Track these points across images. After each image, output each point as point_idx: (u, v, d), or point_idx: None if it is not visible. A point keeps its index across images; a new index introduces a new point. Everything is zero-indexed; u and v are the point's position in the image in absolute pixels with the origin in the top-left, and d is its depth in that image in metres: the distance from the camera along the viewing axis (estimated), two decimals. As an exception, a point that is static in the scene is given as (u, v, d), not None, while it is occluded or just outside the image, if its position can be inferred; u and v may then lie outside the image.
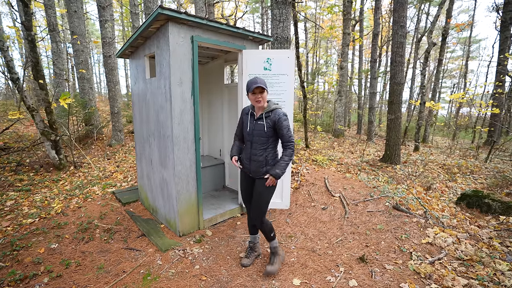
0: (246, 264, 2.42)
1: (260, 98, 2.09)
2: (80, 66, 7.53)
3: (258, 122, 2.16)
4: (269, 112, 2.15)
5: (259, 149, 2.17)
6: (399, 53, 6.03)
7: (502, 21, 9.28)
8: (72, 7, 7.13)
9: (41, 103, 5.09)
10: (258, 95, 2.08)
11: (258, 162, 2.18)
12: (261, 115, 2.16)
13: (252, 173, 2.23)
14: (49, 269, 2.33)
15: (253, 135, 2.19)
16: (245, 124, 2.27)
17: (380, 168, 5.92)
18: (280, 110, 2.14)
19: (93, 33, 22.61)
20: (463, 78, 17.85)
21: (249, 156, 2.23)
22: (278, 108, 2.16)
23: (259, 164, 2.18)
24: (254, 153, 2.19)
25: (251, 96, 2.11)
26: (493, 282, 2.18)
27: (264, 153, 2.17)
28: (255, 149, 2.18)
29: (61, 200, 3.87)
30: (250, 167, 2.22)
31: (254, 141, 2.19)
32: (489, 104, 9.09)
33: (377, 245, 2.77)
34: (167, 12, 2.34)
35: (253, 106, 2.22)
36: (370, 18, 16.05)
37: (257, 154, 2.18)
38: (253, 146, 2.19)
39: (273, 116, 2.12)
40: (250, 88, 2.06)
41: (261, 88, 2.06)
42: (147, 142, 3.33)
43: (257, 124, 2.17)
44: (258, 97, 2.08)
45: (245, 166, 2.28)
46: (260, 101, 2.10)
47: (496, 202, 3.69)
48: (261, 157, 2.17)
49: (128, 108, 10.32)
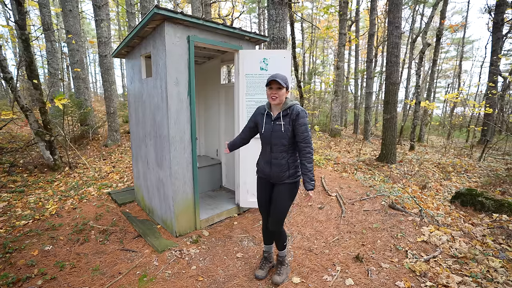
0: (261, 277, 2.26)
1: (276, 94, 1.90)
2: (75, 66, 7.45)
3: (276, 123, 1.96)
4: (287, 110, 1.95)
5: (280, 152, 1.98)
6: (394, 53, 6.09)
7: (494, 22, 9.42)
8: (67, 6, 7.06)
9: (35, 103, 5.03)
10: (274, 91, 1.90)
11: (279, 166, 1.99)
12: (278, 114, 1.97)
13: (273, 178, 2.05)
14: (43, 271, 2.30)
15: (271, 137, 1.98)
16: (260, 125, 2.06)
17: (376, 168, 5.97)
18: (298, 106, 1.95)
19: (89, 33, 22.39)
20: (457, 78, 18.07)
21: (269, 160, 2.03)
22: (296, 103, 1.97)
23: (281, 168, 1.99)
24: (275, 157, 2.00)
25: (267, 91, 1.96)
26: (486, 279, 2.21)
27: (286, 156, 1.99)
28: (275, 152, 1.99)
29: (55, 201, 3.83)
30: (270, 172, 2.04)
31: (274, 143, 1.98)
32: (482, 104, 9.22)
33: (373, 244, 2.79)
34: (163, 12, 2.33)
35: (269, 104, 2.04)
36: (366, 19, 16.17)
37: (278, 158, 1.99)
38: (273, 149, 2.00)
39: (291, 114, 1.93)
40: (267, 81, 1.91)
41: (278, 84, 1.88)
42: (143, 142, 3.31)
43: (275, 125, 1.97)
44: (274, 93, 1.90)
45: (264, 172, 2.09)
46: (275, 98, 1.91)
47: (489, 200, 3.74)
48: (283, 160, 1.99)
49: (124, 108, 10.24)
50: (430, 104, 9.39)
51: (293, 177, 2.03)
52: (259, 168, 2.16)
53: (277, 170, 2.01)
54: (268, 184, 2.14)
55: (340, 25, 9.79)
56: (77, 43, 7.34)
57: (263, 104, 2.13)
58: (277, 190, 2.07)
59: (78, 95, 7.73)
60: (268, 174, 2.06)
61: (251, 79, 3.13)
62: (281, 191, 2.05)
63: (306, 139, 1.91)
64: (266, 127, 2.01)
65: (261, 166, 2.12)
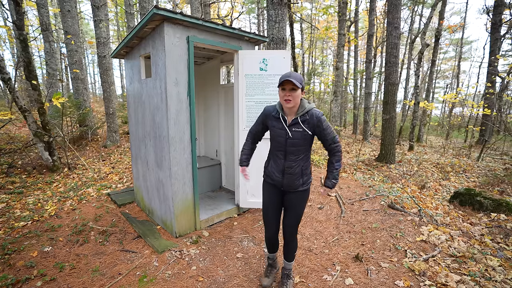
0: (267, 285, 2.14)
1: (291, 97, 1.69)
2: (74, 66, 7.43)
3: (293, 129, 1.78)
4: (305, 115, 1.78)
5: (294, 160, 1.84)
6: (394, 53, 6.11)
7: (492, 23, 9.47)
8: (65, 6, 7.04)
9: (33, 103, 5.01)
10: (288, 92, 1.69)
11: (293, 175, 1.86)
12: (295, 120, 1.78)
13: (285, 186, 1.91)
14: (42, 272, 2.29)
15: (287, 144, 1.81)
16: (275, 132, 1.85)
17: (376, 168, 5.98)
18: (316, 110, 1.79)
19: (88, 33, 22.35)
20: (455, 79, 18.14)
21: (282, 169, 1.88)
22: (313, 107, 1.81)
23: (295, 176, 1.86)
24: (289, 165, 1.85)
25: (280, 93, 1.74)
26: (484, 277, 2.22)
27: (300, 164, 1.86)
28: (290, 160, 1.84)
29: (54, 202, 3.82)
30: (282, 181, 1.89)
31: (289, 151, 1.83)
32: (481, 104, 9.26)
33: (373, 243, 2.80)
34: (163, 12, 2.33)
35: (281, 106, 1.83)
36: (365, 19, 16.22)
37: (292, 167, 1.85)
38: (288, 157, 1.84)
39: (311, 119, 1.77)
40: (280, 81, 1.70)
41: (292, 84, 1.67)
42: (143, 143, 3.31)
43: (293, 132, 1.78)
44: (288, 95, 1.69)
45: (276, 180, 1.93)
46: (289, 100, 1.70)
47: (487, 199, 3.76)
48: (297, 168, 1.85)
49: (123, 109, 10.22)
50: (429, 104, 9.43)
51: (306, 184, 1.92)
52: (268, 174, 1.99)
53: (291, 178, 1.87)
54: (277, 191, 1.98)
55: (339, 26, 9.81)
56: (75, 44, 7.33)
57: (272, 105, 1.93)
58: (290, 199, 1.95)
59: (77, 96, 7.72)
60: (280, 183, 1.92)
61: (250, 79, 3.14)
62: (294, 200, 1.93)
63: (335, 138, 1.81)
64: (281, 133, 1.82)
65: (272, 174, 1.95)
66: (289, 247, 2.06)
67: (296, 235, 2.03)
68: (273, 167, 1.93)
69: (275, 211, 2.01)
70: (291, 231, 1.99)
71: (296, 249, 2.10)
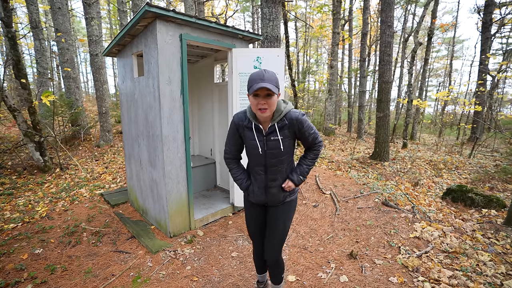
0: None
1: (266, 105, 1.38)
2: (65, 65, 7.29)
3: (271, 139, 1.50)
4: (283, 120, 1.48)
5: (277, 173, 1.58)
6: (387, 52, 6.15)
7: (483, 22, 9.61)
8: (56, 3, 6.90)
9: (23, 103, 4.90)
10: (262, 100, 1.37)
11: (277, 188, 1.61)
12: (272, 127, 1.49)
13: (270, 202, 1.67)
14: (33, 275, 2.25)
15: (266, 157, 1.54)
16: (250, 143, 1.55)
17: (370, 165, 6.03)
18: (294, 111, 1.50)
19: (80, 31, 21.96)
20: (448, 77, 18.41)
21: (264, 185, 1.61)
22: (291, 108, 1.52)
23: (278, 190, 1.62)
24: (272, 178, 1.59)
25: (251, 100, 1.40)
26: (475, 272, 2.26)
27: (284, 175, 1.61)
28: (272, 174, 1.58)
29: (46, 203, 3.75)
30: (266, 198, 1.64)
31: (270, 165, 1.56)
32: (472, 102, 9.41)
33: (367, 240, 2.82)
34: (155, 9, 2.30)
35: (252, 112, 1.52)
36: (359, 18, 16.30)
37: (275, 180, 1.60)
38: (269, 171, 1.58)
39: (290, 123, 1.48)
40: (252, 88, 1.35)
41: (267, 90, 1.34)
42: (136, 142, 3.27)
43: (270, 141, 1.51)
44: (262, 103, 1.37)
45: (258, 199, 1.66)
46: (265, 109, 1.39)
47: (479, 196, 3.82)
48: (281, 181, 1.61)
49: (116, 108, 10.08)
50: (422, 102, 9.53)
51: (292, 193, 1.68)
52: (249, 193, 1.69)
53: (276, 195, 1.63)
54: (261, 208, 1.73)
55: (334, 24, 9.84)
56: (66, 42, 7.19)
57: (241, 111, 1.58)
58: (274, 212, 1.68)
59: (68, 95, 7.58)
60: (263, 200, 1.66)
61: (244, 77, 3.12)
62: (279, 214, 1.67)
63: (316, 138, 1.58)
64: (260, 146, 1.52)
65: (253, 192, 1.66)
66: (274, 268, 1.77)
67: (279, 255, 1.72)
68: (254, 185, 1.65)
69: (262, 230, 1.76)
70: (274, 254, 1.69)
71: (283, 269, 1.82)
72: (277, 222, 1.67)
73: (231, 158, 1.70)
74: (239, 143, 1.65)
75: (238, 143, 1.65)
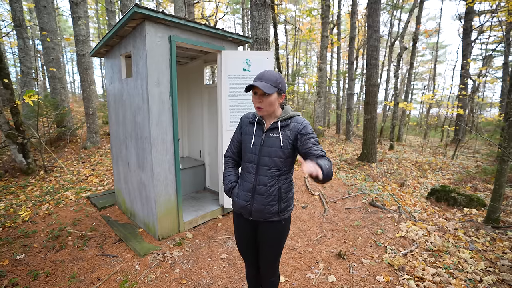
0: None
1: (261, 104, 1.38)
2: (50, 65, 7.09)
3: (270, 135, 1.44)
4: (287, 120, 1.45)
5: (269, 176, 1.43)
6: (374, 56, 6.32)
7: (464, 29, 10.04)
8: (41, 2, 6.70)
9: (5, 103, 4.73)
10: (258, 98, 1.39)
11: (266, 196, 1.43)
12: (274, 124, 1.44)
13: (255, 213, 1.46)
14: (14, 282, 2.17)
15: (261, 153, 1.44)
16: (245, 138, 1.51)
17: (358, 167, 6.16)
18: (301, 118, 1.47)
19: (66, 30, 21.38)
20: (432, 81, 19.05)
21: (252, 186, 1.46)
22: (299, 114, 1.49)
23: (268, 199, 1.43)
24: (262, 181, 1.43)
25: (252, 97, 1.43)
26: (457, 269, 2.35)
27: (278, 183, 1.44)
28: (263, 175, 1.43)
29: (29, 207, 3.63)
30: (251, 204, 1.46)
31: (262, 163, 1.44)
32: (455, 105, 9.78)
33: (355, 240, 2.88)
34: (143, 11, 2.29)
35: None
36: (347, 22, 16.64)
37: (266, 184, 1.43)
38: (260, 170, 1.44)
39: (293, 126, 1.42)
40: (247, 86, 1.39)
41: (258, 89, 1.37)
42: (124, 144, 3.21)
43: (268, 138, 1.44)
44: (258, 101, 1.39)
45: (242, 205, 1.49)
46: (260, 108, 1.40)
47: (461, 195, 3.98)
48: (272, 188, 1.43)
49: (104, 109, 9.85)
50: (408, 105, 9.83)
51: (284, 212, 1.49)
52: (234, 200, 1.55)
53: (263, 202, 1.43)
54: (248, 224, 1.55)
55: (323, 28, 10.02)
56: (52, 41, 6.99)
57: (251, 112, 1.60)
58: (263, 232, 1.51)
59: (54, 95, 7.36)
60: (249, 208, 1.47)
61: (234, 79, 3.13)
62: (269, 235, 1.50)
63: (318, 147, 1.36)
64: (256, 140, 1.47)
65: (238, 197, 1.51)
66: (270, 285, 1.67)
67: (277, 271, 1.64)
68: (242, 185, 1.51)
69: (251, 249, 1.62)
70: (269, 269, 1.61)
71: (278, 284, 1.70)
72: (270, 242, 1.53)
73: (229, 157, 1.66)
74: (240, 143, 1.59)
75: (239, 143, 1.60)
